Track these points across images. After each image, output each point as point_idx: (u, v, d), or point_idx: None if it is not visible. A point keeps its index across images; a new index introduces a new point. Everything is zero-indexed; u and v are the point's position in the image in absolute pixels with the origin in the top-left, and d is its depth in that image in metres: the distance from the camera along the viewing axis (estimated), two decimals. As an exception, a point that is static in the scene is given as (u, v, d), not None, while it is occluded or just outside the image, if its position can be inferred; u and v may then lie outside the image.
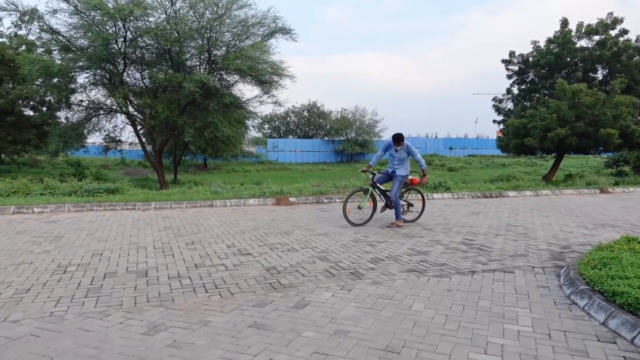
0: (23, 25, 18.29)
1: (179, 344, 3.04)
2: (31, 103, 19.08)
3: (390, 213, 8.39)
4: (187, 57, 16.91)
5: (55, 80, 15.53)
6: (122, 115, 17.74)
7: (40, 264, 5.04)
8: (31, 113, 19.63)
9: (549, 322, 3.46)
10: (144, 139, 18.57)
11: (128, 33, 15.20)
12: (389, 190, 7.83)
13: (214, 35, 16.26)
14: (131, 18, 14.53)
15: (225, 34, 16.76)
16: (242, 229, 7.27)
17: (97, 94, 17.81)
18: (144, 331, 3.24)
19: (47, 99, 18.40)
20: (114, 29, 15.01)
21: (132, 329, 3.29)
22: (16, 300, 3.87)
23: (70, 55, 15.79)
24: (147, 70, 17.21)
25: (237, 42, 16.84)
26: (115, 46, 15.41)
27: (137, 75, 17.76)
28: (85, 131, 17.93)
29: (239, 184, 14.62)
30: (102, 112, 18.10)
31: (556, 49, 19.38)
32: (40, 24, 15.93)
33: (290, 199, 10.65)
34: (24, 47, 18.20)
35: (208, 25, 15.79)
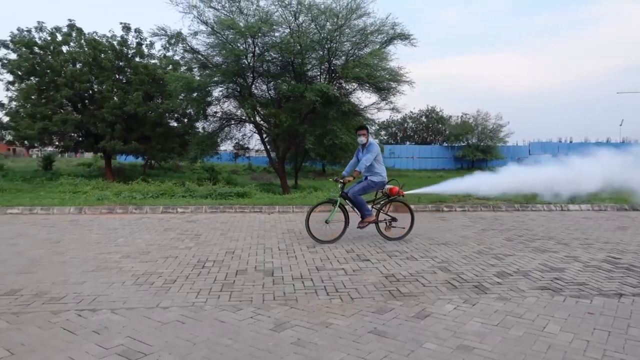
0: (170, 48, 20.82)
1: (303, 342, 3.18)
2: (175, 115, 21.58)
3: (370, 232, 7.44)
4: (308, 68, 17.69)
5: (195, 94, 17.40)
6: (250, 124, 19.20)
7: (183, 258, 5.68)
8: (175, 124, 22.21)
9: None
10: (268, 146, 19.84)
11: (256, 48, 16.42)
12: (369, 202, 6.94)
13: (334, 45, 16.76)
14: (259, 34, 15.67)
15: (345, 43, 17.16)
16: (361, 234, 7.36)
17: (229, 106, 19.55)
18: (271, 327, 3.46)
19: (188, 111, 20.67)
20: (244, 45, 16.33)
21: (261, 324, 3.54)
22: (165, 289, 4.42)
23: (207, 71, 17.57)
24: (272, 82, 18.39)
25: (355, 51, 17.13)
26: (245, 61, 16.75)
27: (264, 87, 19.08)
28: (218, 140, 19.79)
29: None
30: (233, 122, 19.80)
31: None
32: (184, 45, 18.00)
33: (408, 206, 10.47)
34: (170, 66, 20.71)
35: (328, 36, 16.33)
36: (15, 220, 8.87)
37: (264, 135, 19.31)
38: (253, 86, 18.09)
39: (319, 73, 18.53)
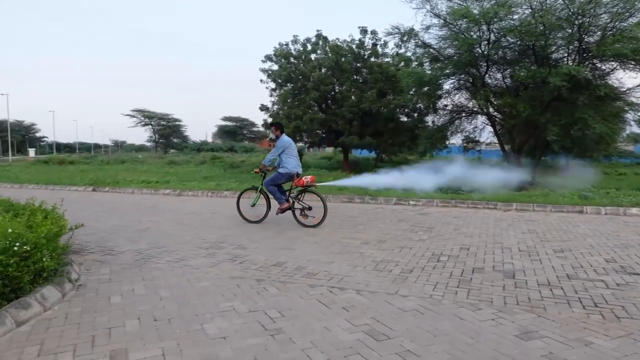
0: (402, 45, 21.48)
1: (557, 357, 2.85)
2: (406, 110, 22.20)
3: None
4: (552, 49, 15.70)
5: (425, 88, 17.52)
6: (482, 116, 18.27)
7: (417, 250, 5.81)
8: (405, 119, 22.86)
9: None
10: (502, 139, 18.53)
11: (491, 35, 15.46)
12: (286, 190, 7.80)
13: (586, 20, 14.40)
14: (495, 20, 14.69)
15: (601, 15, 14.54)
16: (624, 242, 6.16)
17: (460, 98, 19.02)
18: (516, 334, 3.22)
19: (418, 106, 20.98)
20: (477, 33, 15.58)
21: (503, 328, 3.33)
22: (403, 278, 4.60)
23: (438, 64, 17.46)
24: (508, 70, 17.06)
25: (616, 23, 14.33)
26: (479, 50, 15.96)
27: (498, 75, 17.86)
28: (448, 133, 19.51)
29: (613, 189, 12.48)
30: (463, 114, 19.19)
31: None
32: (415, 40, 18.29)
33: (694, 212, 8.25)
34: (402, 63, 21.36)
35: (579, 10, 14.12)
36: (277, 204, 10.63)
37: (497, 127, 18.12)
38: (486, 75, 17.14)
39: (565, 54, 16.29)
